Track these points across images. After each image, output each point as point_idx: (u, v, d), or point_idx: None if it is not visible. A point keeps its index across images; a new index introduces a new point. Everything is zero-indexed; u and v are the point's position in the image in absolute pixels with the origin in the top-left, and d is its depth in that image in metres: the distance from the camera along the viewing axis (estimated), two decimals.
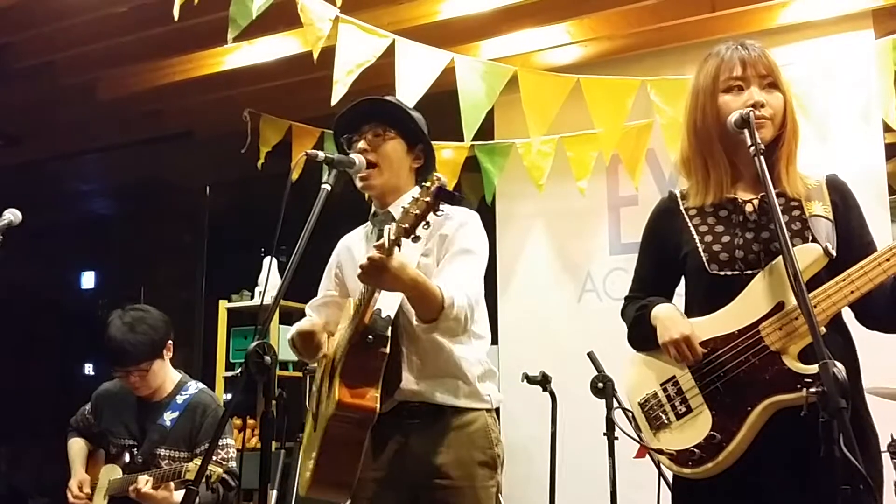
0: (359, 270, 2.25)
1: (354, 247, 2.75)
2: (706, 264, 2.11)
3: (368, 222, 2.74)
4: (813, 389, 1.69)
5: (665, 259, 2.26)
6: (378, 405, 2.34)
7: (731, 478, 1.99)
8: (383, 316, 2.40)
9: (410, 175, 2.66)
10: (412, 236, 2.14)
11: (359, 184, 2.59)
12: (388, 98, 2.72)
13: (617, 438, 3.04)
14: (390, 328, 2.39)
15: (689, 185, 2.24)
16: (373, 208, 2.70)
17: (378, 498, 2.49)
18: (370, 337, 2.37)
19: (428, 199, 2.09)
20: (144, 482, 3.11)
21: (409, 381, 2.46)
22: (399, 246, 2.18)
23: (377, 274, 2.22)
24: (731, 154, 2.16)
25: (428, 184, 2.11)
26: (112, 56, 5.12)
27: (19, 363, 7.43)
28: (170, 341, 3.47)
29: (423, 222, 2.12)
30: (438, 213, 2.10)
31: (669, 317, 2.12)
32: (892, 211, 4.25)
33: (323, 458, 2.37)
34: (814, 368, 1.73)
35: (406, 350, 2.48)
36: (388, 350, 2.39)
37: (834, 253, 2.01)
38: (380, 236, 2.56)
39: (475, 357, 2.55)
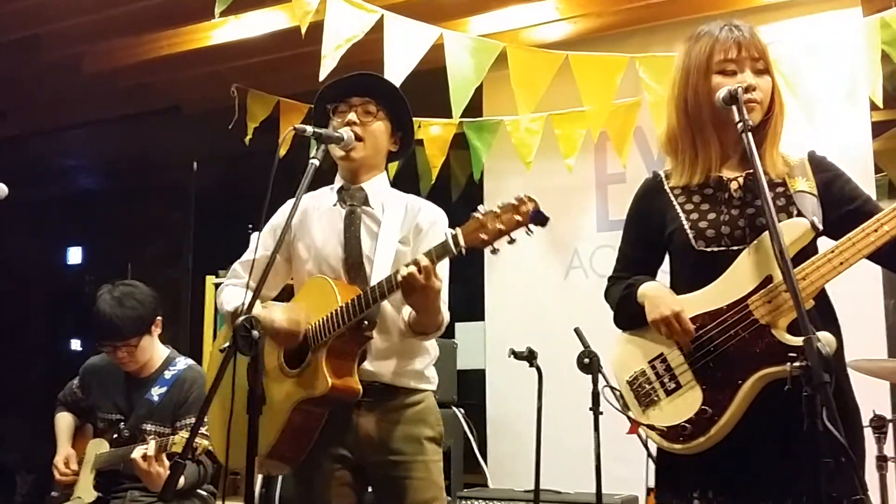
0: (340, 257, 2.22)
1: (313, 214, 2.64)
2: (693, 241, 2.11)
3: (334, 194, 2.64)
4: (797, 364, 1.70)
5: (649, 238, 2.26)
6: (360, 385, 2.39)
7: (717, 453, 2.00)
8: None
9: (385, 158, 2.68)
10: (491, 249, 2.14)
11: (339, 155, 2.56)
12: (387, 78, 2.71)
13: (602, 413, 3.06)
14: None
15: (675, 164, 2.24)
16: (339, 181, 2.65)
17: (332, 474, 2.49)
18: (366, 322, 2.39)
19: (519, 217, 2.09)
20: (153, 446, 3.08)
21: (367, 362, 2.47)
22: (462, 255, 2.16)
23: (424, 282, 2.21)
24: (720, 134, 2.16)
25: (516, 202, 2.10)
26: (98, 30, 5.07)
27: (5, 339, 7.39)
28: (158, 318, 3.47)
29: (508, 238, 2.11)
30: (528, 233, 2.11)
31: (658, 294, 2.12)
32: (878, 189, 4.27)
33: (283, 436, 2.37)
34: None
35: (375, 333, 2.48)
36: (373, 334, 2.44)
37: (821, 227, 2.02)
38: (351, 212, 2.55)
39: (429, 343, 2.60)
